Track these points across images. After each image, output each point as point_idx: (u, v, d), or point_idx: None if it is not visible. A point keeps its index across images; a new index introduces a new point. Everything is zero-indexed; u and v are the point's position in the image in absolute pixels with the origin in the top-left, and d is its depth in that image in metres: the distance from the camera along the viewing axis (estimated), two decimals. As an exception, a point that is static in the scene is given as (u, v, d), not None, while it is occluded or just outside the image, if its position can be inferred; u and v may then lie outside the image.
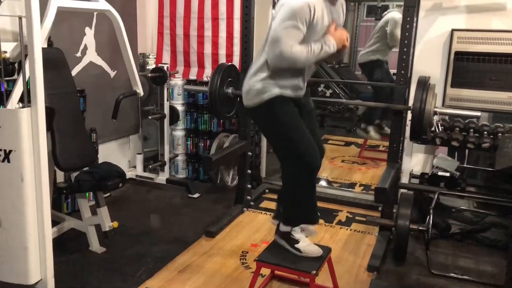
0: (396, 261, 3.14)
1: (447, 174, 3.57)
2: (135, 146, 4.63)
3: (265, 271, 2.75)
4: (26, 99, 2.28)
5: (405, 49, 3.32)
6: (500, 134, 3.40)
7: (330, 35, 2.35)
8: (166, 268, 2.98)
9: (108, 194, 3.95)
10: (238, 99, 3.77)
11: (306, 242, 2.56)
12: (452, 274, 3.02)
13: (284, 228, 2.59)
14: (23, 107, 2.38)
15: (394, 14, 5.70)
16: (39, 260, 2.42)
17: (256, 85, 2.39)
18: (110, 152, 4.19)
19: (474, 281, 2.95)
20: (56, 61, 3.00)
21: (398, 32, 5.61)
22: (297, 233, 2.56)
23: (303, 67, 2.39)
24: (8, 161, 2.29)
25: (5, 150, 2.29)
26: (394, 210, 3.47)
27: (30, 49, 2.20)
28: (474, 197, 3.57)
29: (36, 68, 2.22)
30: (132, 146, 4.58)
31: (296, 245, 2.54)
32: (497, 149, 3.21)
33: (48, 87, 2.33)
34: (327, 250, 2.64)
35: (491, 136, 3.45)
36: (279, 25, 2.21)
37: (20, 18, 2.22)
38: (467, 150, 3.83)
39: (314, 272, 2.42)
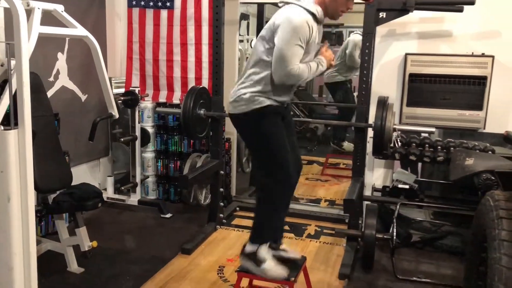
0: (365, 268, 3.35)
1: (407, 187, 3.84)
2: (105, 168, 4.67)
3: (244, 282, 2.87)
4: (12, 120, 2.34)
5: (364, 72, 3.61)
6: (452, 148, 3.71)
7: (322, 55, 2.56)
8: (146, 285, 3.05)
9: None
10: (210, 120, 3.93)
11: (272, 262, 2.58)
12: (415, 278, 3.26)
13: (250, 247, 2.59)
14: (7, 129, 2.44)
15: (354, 37, 6.15)
16: (23, 281, 2.44)
17: (246, 95, 2.48)
18: (81, 175, 4.22)
19: (436, 284, 3.20)
20: (33, 85, 3.02)
21: (356, 53, 6.06)
22: (263, 253, 2.56)
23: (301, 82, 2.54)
24: (-5, 182, 2.33)
25: (-8, 171, 2.33)
26: (360, 222, 3.69)
27: (18, 73, 2.28)
28: (433, 207, 3.85)
29: (24, 91, 2.29)
30: (102, 168, 4.62)
31: (262, 266, 2.55)
32: (450, 162, 3.53)
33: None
34: (302, 259, 2.81)
35: (444, 150, 3.75)
36: (285, 44, 2.33)
37: (8, 44, 2.30)
38: (420, 165, 4.14)
39: (293, 279, 2.58)
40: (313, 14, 2.42)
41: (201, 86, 3.94)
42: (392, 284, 3.19)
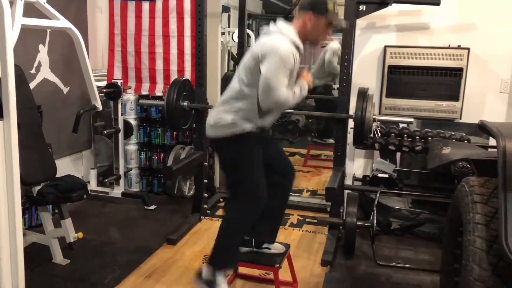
0: (346, 255, 3.45)
1: (386, 176, 3.95)
2: (88, 161, 4.66)
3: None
4: (-3, 113, 2.35)
5: (345, 64, 3.69)
6: (429, 138, 3.83)
7: (303, 79, 2.61)
8: (133, 274, 3.09)
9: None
10: (193, 111, 3.97)
11: None
12: (395, 264, 3.37)
13: (207, 272, 2.56)
14: (-8, 121, 2.44)
15: (333, 44, 6.27)
16: (10, 271, 2.45)
17: (227, 119, 2.51)
18: (64, 168, 4.20)
19: (415, 269, 3.31)
20: (16, 77, 3.01)
21: (335, 60, 6.23)
22: (221, 279, 2.54)
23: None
24: (-20, 174, 2.34)
25: (-23, 163, 2.33)
26: (341, 210, 3.79)
27: (3, 65, 2.28)
28: (411, 195, 3.97)
29: (9, 83, 2.30)
30: (85, 161, 4.61)
31: None
32: (428, 151, 3.64)
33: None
34: (286, 246, 2.89)
35: (422, 140, 3.87)
36: (272, 74, 2.37)
37: (-9, 35, 2.29)
38: (399, 155, 4.25)
39: (277, 265, 2.66)
40: (296, 45, 2.48)
41: (184, 78, 3.96)
42: (373, 269, 3.30)
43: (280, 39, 2.45)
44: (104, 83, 4.48)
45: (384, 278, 3.19)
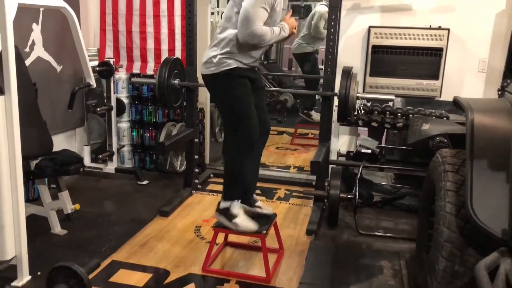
0: (330, 225, 3.65)
1: (369, 151, 4.13)
2: (81, 138, 4.77)
3: (219, 239, 3.11)
4: (-2, 88, 2.47)
5: (331, 43, 3.83)
6: (411, 115, 4.01)
7: (285, 22, 2.77)
8: (128, 243, 3.26)
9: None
10: (184, 90, 4.10)
11: (243, 217, 2.84)
12: (376, 233, 3.58)
13: (223, 204, 2.87)
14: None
15: (320, 8, 6.38)
16: (13, 238, 2.61)
17: (216, 57, 2.70)
18: (58, 144, 4.29)
19: (394, 237, 3.53)
20: (13, 55, 3.15)
21: (321, 24, 6.32)
22: (235, 209, 2.84)
23: (265, 45, 2.74)
24: (-16, 147, 2.47)
25: (-19, 137, 2.46)
26: (326, 184, 3.97)
27: (3, 42, 2.40)
28: (392, 169, 4.17)
29: (9, 60, 2.42)
30: (78, 138, 4.73)
31: (234, 220, 2.81)
32: (409, 127, 3.83)
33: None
34: (273, 215, 3.07)
35: (404, 117, 4.05)
36: (250, 6, 2.52)
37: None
38: (385, 132, 4.44)
39: (264, 232, 2.84)
40: None
41: (175, 57, 4.08)
42: (355, 238, 3.50)
43: None
44: (95, 62, 4.58)
45: (365, 246, 3.40)
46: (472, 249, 2.26)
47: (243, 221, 2.83)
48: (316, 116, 6.80)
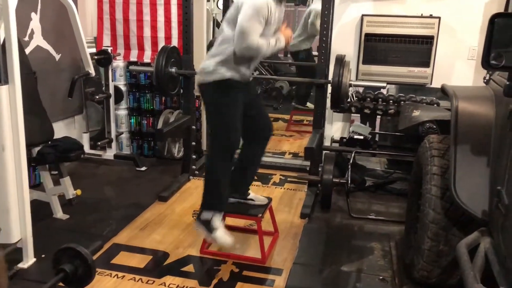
0: (323, 209, 3.78)
1: (361, 137, 4.25)
2: (80, 126, 4.86)
3: (216, 223, 3.23)
4: (3, 77, 2.55)
5: (324, 32, 3.92)
6: (402, 102, 4.12)
7: (281, 33, 2.85)
8: (128, 227, 3.38)
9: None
10: (181, 77, 4.18)
11: (222, 230, 2.88)
12: (368, 216, 3.71)
13: (205, 215, 2.88)
14: (-1, 85, 2.64)
15: (316, 6, 6.44)
16: (19, 221, 2.72)
17: (210, 66, 2.78)
18: (57, 132, 4.38)
19: (385, 220, 3.66)
20: (13, 44, 3.23)
21: (317, 22, 6.40)
22: (217, 222, 2.86)
23: (260, 56, 2.83)
24: (-10, 134, 2.57)
25: (-12, 125, 2.55)
26: (320, 169, 4.09)
27: (7, 33, 2.48)
28: (383, 154, 4.30)
29: (13, 50, 2.51)
30: (77, 126, 4.81)
31: (213, 233, 2.84)
32: (400, 114, 3.94)
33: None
34: (268, 199, 3.19)
35: (396, 104, 4.16)
36: (246, 21, 2.61)
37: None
38: (378, 118, 4.54)
39: (260, 215, 2.97)
40: None
41: (172, 45, 4.15)
42: (347, 221, 3.63)
43: None
44: (93, 50, 4.65)
45: (357, 228, 3.54)
46: (456, 230, 2.39)
47: (222, 235, 2.87)
48: (310, 104, 6.92)
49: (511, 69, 1.63)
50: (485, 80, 2.73)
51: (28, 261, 2.79)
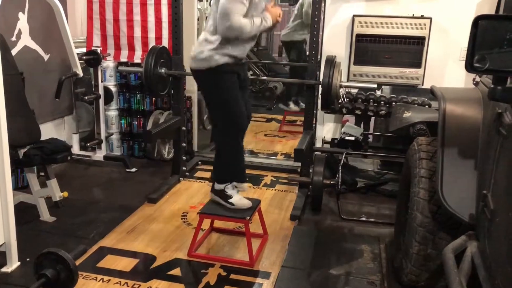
0: (314, 211, 3.75)
1: (353, 138, 4.22)
2: (70, 127, 4.82)
3: (205, 225, 3.20)
4: (-16, 79, 2.51)
5: (315, 33, 3.89)
6: (393, 103, 4.10)
7: (268, 12, 2.82)
8: (116, 230, 3.33)
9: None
10: (171, 78, 4.15)
11: (238, 196, 3.06)
12: (358, 218, 3.69)
13: (218, 186, 3.05)
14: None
15: None
16: (2, 225, 2.67)
17: (204, 53, 2.76)
18: (47, 133, 4.34)
19: (375, 222, 3.64)
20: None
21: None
22: (229, 190, 3.04)
23: (247, 37, 2.78)
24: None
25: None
26: (310, 170, 4.06)
27: (-12, 33, 2.44)
28: (374, 155, 4.28)
29: (-6, 51, 2.47)
30: (66, 127, 4.77)
31: (229, 200, 3.02)
32: (391, 115, 3.91)
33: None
34: (257, 201, 3.16)
35: (387, 105, 4.13)
36: (228, 2, 2.60)
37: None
38: (372, 120, 4.51)
39: (248, 218, 2.94)
40: None
41: (161, 46, 4.11)
42: (337, 223, 3.61)
43: None
44: (83, 50, 4.61)
45: (347, 231, 3.51)
46: (443, 233, 2.37)
47: (238, 200, 3.03)
48: (293, 107, 6.94)
49: (495, 72, 1.60)
50: (474, 82, 2.70)
51: (12, 265, 2.75)
